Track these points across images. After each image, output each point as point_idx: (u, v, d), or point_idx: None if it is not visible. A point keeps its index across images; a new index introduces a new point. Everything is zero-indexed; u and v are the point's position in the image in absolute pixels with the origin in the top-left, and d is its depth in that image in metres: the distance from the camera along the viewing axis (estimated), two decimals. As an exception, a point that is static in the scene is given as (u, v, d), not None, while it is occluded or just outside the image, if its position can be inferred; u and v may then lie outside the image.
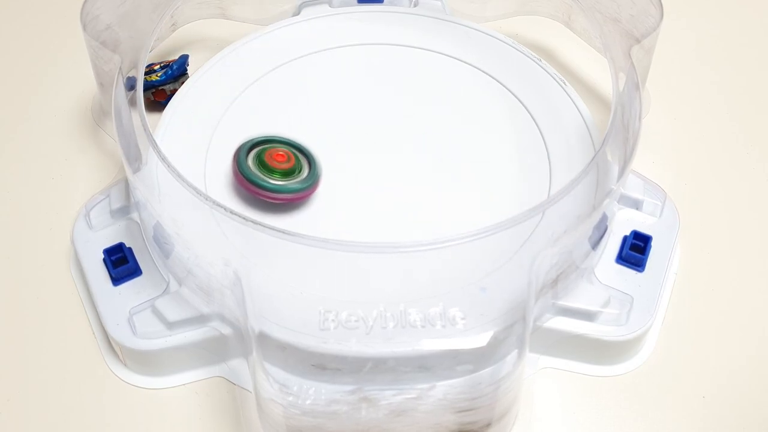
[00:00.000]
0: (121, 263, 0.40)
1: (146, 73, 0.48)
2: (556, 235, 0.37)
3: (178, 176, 0.37)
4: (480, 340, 0.35)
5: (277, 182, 0.40)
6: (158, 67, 0.49)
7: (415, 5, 0.52)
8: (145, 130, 0.39)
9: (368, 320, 0.36)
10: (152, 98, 0.49)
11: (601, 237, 0.40)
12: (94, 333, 0.40)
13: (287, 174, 0.41)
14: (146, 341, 0.38)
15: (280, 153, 0.41)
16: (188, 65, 0.49)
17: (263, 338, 0.35)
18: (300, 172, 0.41)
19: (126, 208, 0.42)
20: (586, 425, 0.38)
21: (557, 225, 0.39)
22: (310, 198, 0.42)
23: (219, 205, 0.35)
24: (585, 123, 0.45)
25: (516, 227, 0.35)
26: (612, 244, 0.41)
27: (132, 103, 0.41)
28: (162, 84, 0.48)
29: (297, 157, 0.42)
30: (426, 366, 0.35)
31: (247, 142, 0.42)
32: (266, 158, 0.41)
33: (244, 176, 0.40)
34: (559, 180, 0.42)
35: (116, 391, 0.39)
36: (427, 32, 0.50)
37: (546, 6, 0.51)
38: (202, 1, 0.50)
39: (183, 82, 0.47)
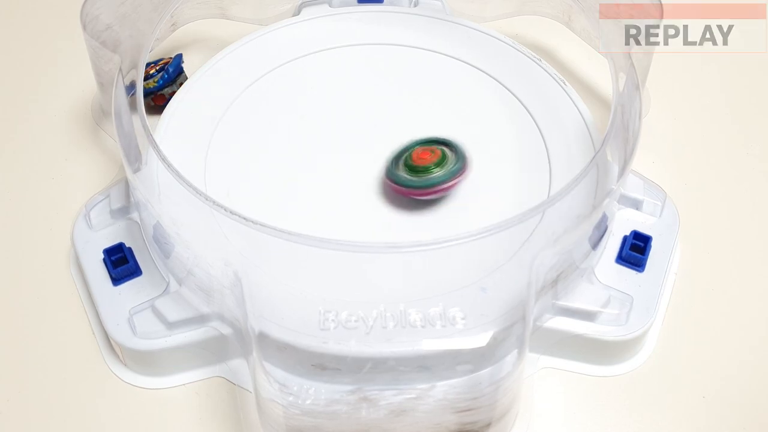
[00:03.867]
0: (121, 263, 0.40)
1: (144, 79, 0.47)
2: (556, 235, 0.37)
3: (178, 176, 0.37)
4: (480, 340, 0.35)
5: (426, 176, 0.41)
6: (154, 71, 0.48)
7: (415, 5, 0.52)
8: (145, 130, 0.39)
9: (368, 320, 0.36)
10: (152, 103, 0.48)
11: (601, 237, 0.40)
12: (94, 333, 0.40)
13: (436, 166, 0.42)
14: (146, 341, 0.38)
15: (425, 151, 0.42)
16: (183, 63, 0.49)
17: (263, 338, 0.35)
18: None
19: (126, 208, 0.42)
20: (586, 425, 0.38)
21: (557, 225, 0.39)
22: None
23: (219, 205, 0.35)
24: (585, 123, 0.45)
25: (516, 227, 0.35)
26: (612, 244, 0.41)
27: (132, 103, 0.41)
28: (160, 89, 0.48)
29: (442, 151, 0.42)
30: (426, 366, 0.35)
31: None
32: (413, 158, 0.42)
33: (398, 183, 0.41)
34: (559, 180, 0.42)
35: (116, 391, 0.39)
36: (427, 32, 0.50)
37: (546, 6, 0.51)
38: (202, 1, 0.50)
39: (181, 83, 0.47)
